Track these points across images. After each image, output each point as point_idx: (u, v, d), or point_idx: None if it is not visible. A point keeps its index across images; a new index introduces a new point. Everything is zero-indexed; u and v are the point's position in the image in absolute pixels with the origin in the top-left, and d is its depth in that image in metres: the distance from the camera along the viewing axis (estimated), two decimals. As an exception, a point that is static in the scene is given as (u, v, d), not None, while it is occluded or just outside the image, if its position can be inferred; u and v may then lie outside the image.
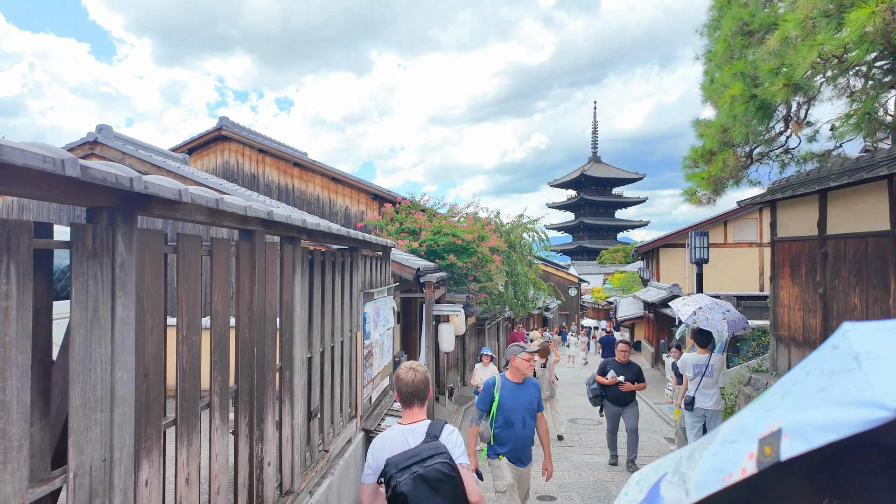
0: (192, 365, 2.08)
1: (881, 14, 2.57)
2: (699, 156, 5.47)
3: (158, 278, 1.88)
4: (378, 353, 5.47)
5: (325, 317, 3.83)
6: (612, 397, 6.86)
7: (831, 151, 6.37)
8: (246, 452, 2.58)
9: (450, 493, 2.21)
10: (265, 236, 2.72)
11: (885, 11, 2.56)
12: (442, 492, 2.19)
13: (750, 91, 4.07)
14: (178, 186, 1.84)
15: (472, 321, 14.43)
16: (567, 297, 37.12)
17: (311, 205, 11.84)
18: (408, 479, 2.19)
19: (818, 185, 5.28)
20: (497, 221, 14.08)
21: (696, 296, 6.80)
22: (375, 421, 5.06)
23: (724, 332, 6.02)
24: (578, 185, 73.12)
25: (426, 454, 2.28)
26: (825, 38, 2.92)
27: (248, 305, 2.59)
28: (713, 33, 5.75)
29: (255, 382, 2.64)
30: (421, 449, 2.32)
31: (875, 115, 3.51)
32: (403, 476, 2.20)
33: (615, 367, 6.91)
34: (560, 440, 8.19)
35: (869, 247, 4.87)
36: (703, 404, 5.92)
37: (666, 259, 17.37)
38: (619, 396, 6.80)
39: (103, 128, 7.68)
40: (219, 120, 12.07)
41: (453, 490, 2.23)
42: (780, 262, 6.57)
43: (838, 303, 5.33)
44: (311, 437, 3.58)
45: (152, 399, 1.84)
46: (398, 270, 7.20)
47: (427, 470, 2.21)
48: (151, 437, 1.83)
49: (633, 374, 6.83)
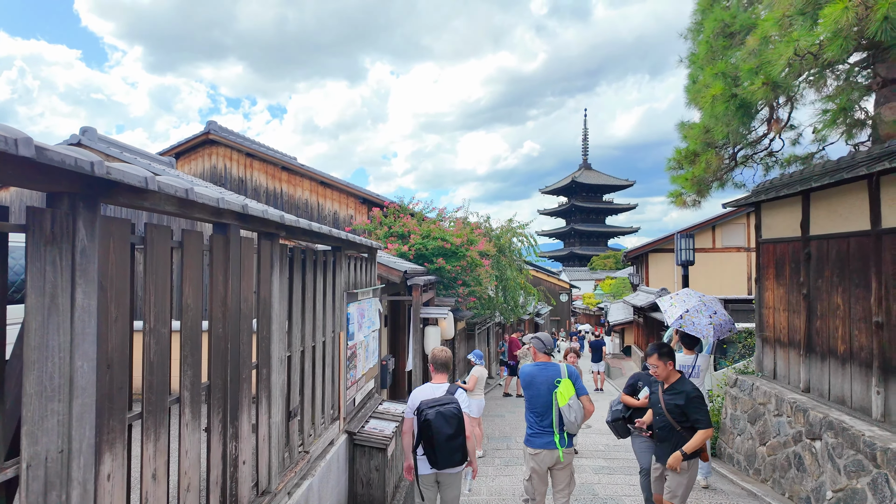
0: (160, 357, 2.04)
1: (854, 9, 2.60)
2: (683, 157, 5.50)
3: (124, 268, 1.84)
4: (363, 355, 5.43)
5: (305, 315, 3.79)
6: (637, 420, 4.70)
7: (814, 154, 6.44)
8: (219, 450, 2.53)
9: (456, 424, 3.58)
10: (241, 231, 2.69)
11: (858, 6, 2.59)
12: (451, 423, 3.56)
13: (730, 90, 4.10)
14: (144, 174, 1.81)
15: (462, 326, 14.40)
16: (558, 302, 37.17)
17: (299, 209, 11.79)
18: (432, 413, 3.55)
19: (801, 186, 5.32)
20: (487, 226, 14.10)
21: (684, 293, 6.63)
22: (359, 423, 5.01)
23: (709, 337, 5.98)
24: (569, 191, 73.51)
25: (445, 401, 3.65)
26: (800, 34, 2.96)
27: (223, 300, 2.55)
28: (696, 36, 5.80)
29: (229, 379, 2.60)
30: (442, 398, 3.68)
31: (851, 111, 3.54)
32: (430, 411, 3.57)
33: (647, 383, 4.69)
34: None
35: (851, 247, 4.90)
36: None
37: (655, 264, 17.45)
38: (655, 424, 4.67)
39: (87, 130, 7.61)
40: (207, 124, 12.02)
41: (458, 423, 3.59)
42: (764, 264, 6.60)
43: (822, 303, 5.36)
44: (291, 437, 3.53)
45: (116, 391, 1.80)
46: (385, 273, 7.17)
47: (445, 409, 3.58)
48: (115, 429, 1.79)
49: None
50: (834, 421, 4.61)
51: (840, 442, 4.47)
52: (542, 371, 4.01)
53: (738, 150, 6.01)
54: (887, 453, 3.87)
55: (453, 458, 3.57)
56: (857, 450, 4.22)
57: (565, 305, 40.51)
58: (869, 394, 4.57)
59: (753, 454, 6.05)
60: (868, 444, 4.09)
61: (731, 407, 6.78)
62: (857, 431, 4.25)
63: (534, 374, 4.02)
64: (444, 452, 3.53)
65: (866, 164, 4.30)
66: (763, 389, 6.02)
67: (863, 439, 4.16)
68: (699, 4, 5.89)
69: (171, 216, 2.25)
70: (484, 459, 7.28)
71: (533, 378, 4.01)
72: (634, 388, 4.77)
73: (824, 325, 5.30)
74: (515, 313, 16.00)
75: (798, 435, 5.17)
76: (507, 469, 6.84)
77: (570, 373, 3.98)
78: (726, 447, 6.78)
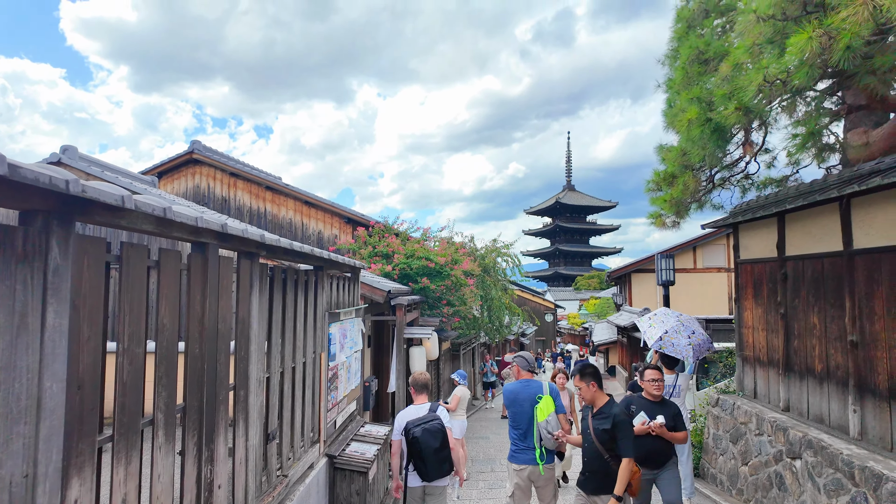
0: (133, 378, 2.00)
1: (818, 39, 2.71)
2: (661, 179, 5.61)
3: (98, 287, 1.82)
4: (344, 376, 5.37)
5: (285, 336, 3.76)
6: (641, 455, 4.09)
7: (789, 177, 6.61)
8: (193, 474, 2.48)
9: (441, 438, 3.89)
10: (220, 250, 2.67)
11: (821, 36, 2.71)
12: (437, 437, 3.87)
13: (705, 115, 4.22)
14: (121, 192, 1.80)
15: (447, 346, 14.33)
16: (543, 322, 37.21)
17: (283, 228, 11.73)
18: (419, 430, 3.87)
19: (776, 207, 5.45)
20: (472, 246, 14.16)
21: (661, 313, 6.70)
22: (340, 446, 4.93)
23: (688, 358, 6.04)
24: (553, 212, 74.26)
25: (429, 418, 3.99)
26: (769, 62, 3.07)
27: (200, 320, 2.52)
28: (673, 63, 5.98)
29: (205, 401, 2.56)
30: (426, 416, 4.02)
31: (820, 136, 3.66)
32: (417, 429, 3.88)
33: (644, 405, 4.37)
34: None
35: (825, 267, 5.01)
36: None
37: (638, 284, 17.62)
38: (652, 453, 4.23)
39: (68, 148, 7.54)
40: (191, 143, 11.99)
41: (443, 437, 3.92)
42: (743, 284, 6.71)
43: (798, 322, 5.44)
44: (269, 460, 3.46)
45: (86, 413, 1.76)
46: (369, 293, 7.14)
47: (430, 425, 3.91)
48: (84, 452, 1.75)
49: (670, 416, 4.33)
50: (813, 440, 4.65)
51: (819, 461, 4.50)
52: (525, 388, 4.15)
53: (715, 172, 6.15)
54: (865, 471, 3.91)
55: (441, 469, 3.92)
56: (836, 468, 4.26)
57: (550, 325, 40.57)
58: (846, 412, 4.63)
59: (736, 474, 6.06)
60: (846, 463, 4.13)
61: (714, 426, 6.81)
62: (836, 450, 4.30)
63: (517, 391, 4.16)
64: (433, 464, 3.87)
65: (837, 186, 4.43)
66: (744, 409, 6.07)
67: (841, 458, 4.20)
68: (675, 32, 6.09)
69: (150, 235, 2.23)
70: (468, 482, 7.20)
71: (516, 395, 4.13)
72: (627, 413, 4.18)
73: (802, 344, 5.38)
74: (500, 333, 15.99)
75: (779, 454, 5.20)
76: (492, 492, 6.76)
77: (551, 390, 4.15)
78: (709, 467, 6.79)
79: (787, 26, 3.09)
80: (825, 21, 2.81)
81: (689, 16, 5.93)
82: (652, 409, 4.33)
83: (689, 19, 5.89)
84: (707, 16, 5.52)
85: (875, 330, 4.30)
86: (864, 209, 4.47)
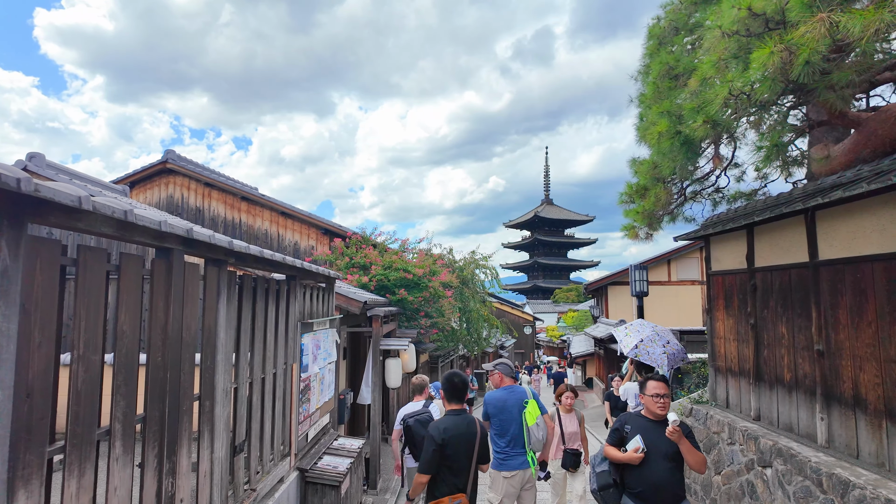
0: (88, 386, 1.93)
1: (779, 54, 2.81)
2: (634, 192, 5.71)
3: (51, 291, 1.75)
4: (317, 388, 5.28)
5: (255, 346, 3.68)
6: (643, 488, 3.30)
7: (758, 191, 6.79)
8: (153, 487, 2.39)
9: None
10: (185, 256, 2.62)
11: (782, 51, 2.81)
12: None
13: (675, 128, 4.32)
14: (78, 193, 1.75)
15: (426, 359, 14.23)
16: (522, 335, 37.29)
17: (259, 239, 11.59)
18: (412, 421, 4.83)
19: (745, 220, 5.57)
20: (450, 258, 14.16)
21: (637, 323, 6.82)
22: (312, 460, 4.83)
23: (663, 366, 6.14)
24: (532, 225, 74.88)
25: (422, 411, 4.98)
26: (734, 76, 3.17)
27: (163, 328, 2.46)
28: (645, 78, 6.11)
29: (167, 411, 2.48)
30: (420, 410, 5.03)
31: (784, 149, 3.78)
32: (411, 420, 4.84)
33: (641, 426, 3.40)
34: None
35: (792, 278, 5.13)
36: None
37: (614, 296, 17.81)
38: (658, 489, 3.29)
39: (35, 155, 7.35)
40: (165, 153, 11.80)
41: None
42: (715, 295, 6.82)
43: (768, 332, 5.55)
44: (236, 474, 3.37)
45: (35, 422, 1.68)
46: (344, 304, 7.06)
47: (421, 417, 4.86)
48: (32, 464, 1.67)
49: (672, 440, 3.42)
50: (783, 448, 4.72)
51: (789, 469, 4.57)
52: (511, 394, 4.19)
53: (686, 185, 6.28)
54: (832, 479, 3.97)
55: None
56: (805, 476, 4.32)
57: (529, 338, 40.67)
58: (814, 420, 4.71)
59: (710, 484, 6.11)
60: (814, 470, 4.19)
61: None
62: (805, 458, 4.36)
63: (504, 398, 4.16)
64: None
65: (802, 199, 4.55)
66: (717, 418, 6.13)
67: (809, 465, 4.26)
68: (647, 49, 6.24)
69: (114, 240, 2.17)
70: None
71: (504, 402, 4.13)
72: (621, 436, 3.45)
73: (771, 354, 5.48)
74: (479, 345, 15.95)
75: (750, 463, 5.26)
76: None
77: (534, 394, 4.34)
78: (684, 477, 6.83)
79: (750, 42, 3.20)
80: (786, 37, 2.92)
81: (660, 33, 6.09)
82: (653, 432, 3.32)
83: (660, 36, 6.05)
84: (677, 33, 5.68)
85: (840, 339, 4.41)
86: (827, 221, 4.60)
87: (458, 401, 3.60)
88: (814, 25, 2.69)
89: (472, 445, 3.41)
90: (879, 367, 3.97)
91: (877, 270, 3.99)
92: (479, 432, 3.48)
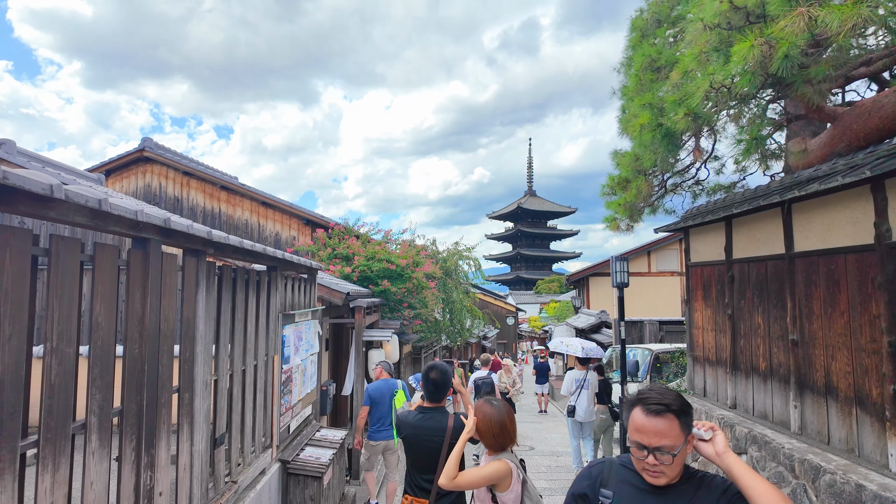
0: (62, 379, 1.89)
1: (759, 47, 2.85)
2: (616, 184, 5.75)
3: (22, 281, 1.70)
4: (299, 380, 5.25)
5: (235, 337, 3.64)
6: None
7: (737, 183, 6.89)
8: (131, 480, 2.36)
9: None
10: (163, 246, 2.56)
11: (762, 45, 2.84)
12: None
13: (657, 120, 4.35)
14: (50, 181, 1.70)
15: (409, 349, 14.24)
16: (505, 325, 37.52)
17: (238, 230, 11.43)
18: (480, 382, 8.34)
19: (723, 212, 5.66)
20: (433, 249, 14.14)
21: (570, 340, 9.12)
22: (294, 451, 4.81)
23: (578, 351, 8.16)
24: (515, 217, 75.16)
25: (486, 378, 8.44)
26: (715, 69, 3.20)
27: (140, 319, 2.41)
28: (628, 70, 6.14)
29: (145, 404, 2.44)
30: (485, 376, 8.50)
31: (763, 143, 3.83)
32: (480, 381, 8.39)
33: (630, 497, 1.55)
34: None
35: (768, 270, 5.23)
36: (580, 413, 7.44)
37: (595, 287, 17.99)
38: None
39: (5, 142, 7.12)
40: (142, 141, 11.54)
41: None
42: (693, 286, 6.93)
43: (744, 323, 5.66)
44: (217, 466, 3.34)
45: (7, 416, 1.64)
46: (327, 295, 7.01)
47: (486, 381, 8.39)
48: (3, 459, 1.63)
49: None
50: (758, 435, 4.84)
51: (763, 455, 4.68)
52: (386, 384, 5.75)
53: (667, 178, 6.34)
54: (804, 464, 4.08)
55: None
56: (779, 462, 4.43)
57: (512, 328, 40.93)
58: (787, 408, 4.83)
59: (686, 471, 6.24)
60: (787, 457, 4.30)
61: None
62: (778, 444, 4.48)
63: (381, 387, 5.72)
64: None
65: (779, 192, 4.63)
66: (694, 407, 6.26)
67: (783, 451, 4.38)
68: (630, 41, 6.26)
69: (88, 229, 2.12)
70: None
71: (381, 391, 5.68)
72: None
73: (747, 343, 5.59)
74: (462, 336, 15.99)
75: (726, 450, 5.39)
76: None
77: (403, 386, 5.82)
78: None
79: (731, 35, 3.23)
80: (766, 30, 2.95)
81: (642, 25, 6.11)
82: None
83: (643, 28, 6.07)
84: (660, 25, 5.70)
85: (813, 329, 4.51)
86: (803, 214, 4.69)
87: (432, 398, 3.06)
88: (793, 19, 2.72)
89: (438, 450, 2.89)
90: (850, 356, 4.08)
91: (849, 262, 4.09)
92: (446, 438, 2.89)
